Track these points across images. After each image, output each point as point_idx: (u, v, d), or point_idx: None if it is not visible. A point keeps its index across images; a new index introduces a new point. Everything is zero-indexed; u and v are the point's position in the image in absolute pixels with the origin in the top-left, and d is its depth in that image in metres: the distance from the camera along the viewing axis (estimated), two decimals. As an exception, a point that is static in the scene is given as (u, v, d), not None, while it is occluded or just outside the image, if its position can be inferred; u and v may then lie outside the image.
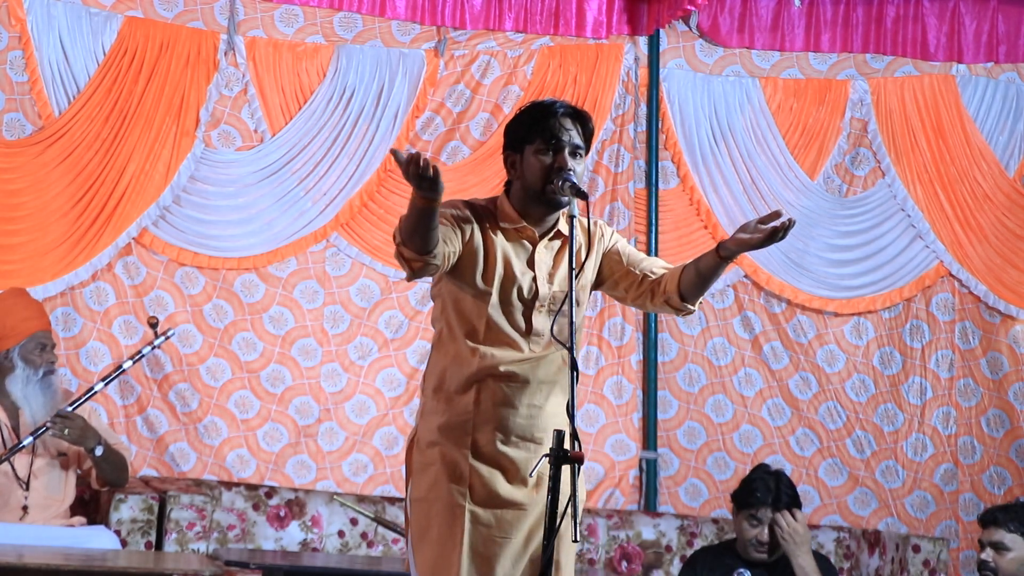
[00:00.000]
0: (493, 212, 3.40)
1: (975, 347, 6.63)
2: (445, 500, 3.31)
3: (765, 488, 4.74)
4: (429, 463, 3.36)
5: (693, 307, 3.43)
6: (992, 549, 4.39)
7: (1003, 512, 4.42)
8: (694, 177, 6.51)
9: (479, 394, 3.34)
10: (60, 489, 5.11)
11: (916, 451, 6.55)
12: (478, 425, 3.34)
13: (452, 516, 3.30)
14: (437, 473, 3.34)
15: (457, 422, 3.35)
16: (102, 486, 5.21)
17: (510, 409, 3.35)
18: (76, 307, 5.89)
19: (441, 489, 3.32)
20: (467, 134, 6.34)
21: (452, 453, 3.34)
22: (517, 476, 3.35)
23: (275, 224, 6.13)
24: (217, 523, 5.66)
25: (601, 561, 6.04)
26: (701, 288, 3.38)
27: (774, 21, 6.62)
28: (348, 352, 6.20)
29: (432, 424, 3.39)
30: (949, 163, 6.62)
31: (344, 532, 5.87)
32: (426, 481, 3.35)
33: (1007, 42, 6.70)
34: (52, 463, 5.09)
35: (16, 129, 5.88)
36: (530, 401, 3.36)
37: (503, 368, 3.33)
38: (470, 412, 3.34)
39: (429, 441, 3.38)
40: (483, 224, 3.36)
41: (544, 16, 6.43)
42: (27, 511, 4.98)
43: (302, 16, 6.22)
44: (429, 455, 3.37)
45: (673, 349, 6.51)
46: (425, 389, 3.44)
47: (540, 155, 3.32)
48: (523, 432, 3.36)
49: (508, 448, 3.35)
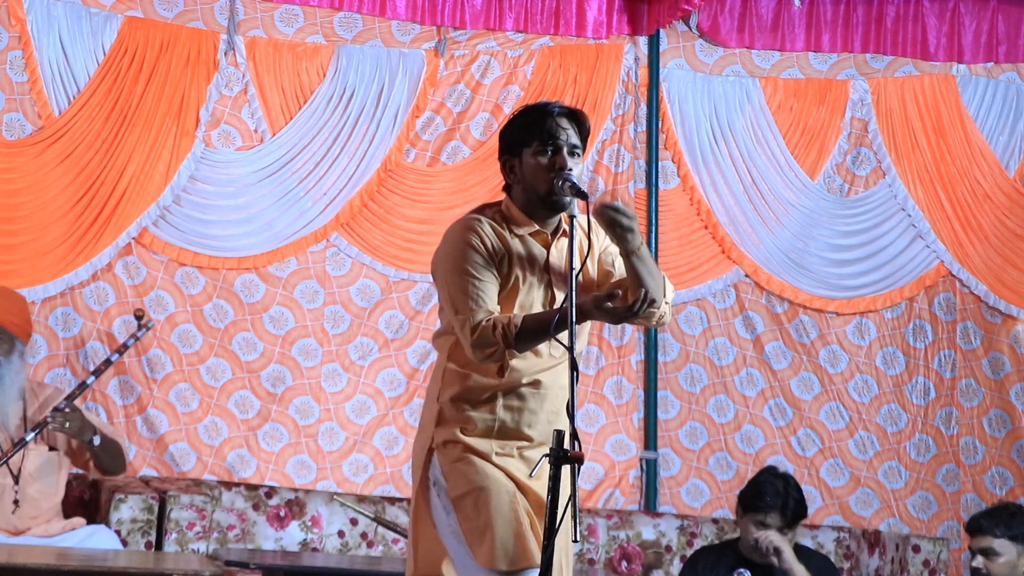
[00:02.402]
0: (506, 218, 3.37)
1: (976, 347, 6.63)
2: (492, 480, 3.26)
3: (775, 492, 4.69)
4: (457, 459, 3.31)
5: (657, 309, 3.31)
6: (982, 556, 4.39)
7: (987, 518, 4.43)
8: (694, 177, 6.51)
9: (503, 402, 3.32)
10: (53, 483, 5.10)
11: (919, 451, 6.55)
12: (501, 433, 3.33)
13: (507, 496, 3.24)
14: (471, 464, 3.28)
15: (479, 430, 3.32)
16: (101, 475, 5.21)
17: (533, 416, 3.34)
18: (76, 307, 5.89)
19: (483, 476, 3.26)
20: (467, 134, 6.34)
21: (476, 449, 3.31)
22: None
23: (275, 224, 6.13)
24: (217, 523, 5.66)
25: (601, 561, 6.04)
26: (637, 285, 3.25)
27: (774, 21, 6.62)
28: (348, 352, 6.19)
29: (453, 428, 3.34)
30: (949, 163, 6.62)
31: (344, 532, 5.87)
32: (463, 477, 3.29)
33: (1007, 42, 6.69)
34: (44, 457, 5.08)
35: (16, 129, 5.88)
36: (552, 407, 3.36)
37: (528, 378, 3.32)
38: (492, 420, 3.32)
39: (449, 440, 3.33)
40: (500, 236, 3.32)
41: (544, 16, 6.42)
42: (18, 505, 4.98)
43: (302, 16, 6.21)
44: (454, 452, 3.32)
45: (674, 349, 6.50)
46: (440, 398, 3.37)
47: (539, 156, 3.31)
48: (543, 438, 3.34)
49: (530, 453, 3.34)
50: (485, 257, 3.26)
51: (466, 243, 3.28)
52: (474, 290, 3.23)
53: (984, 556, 4.38)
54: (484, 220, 3.33)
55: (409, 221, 6.23)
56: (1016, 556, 4.37)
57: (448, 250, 3.33)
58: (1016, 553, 4.36)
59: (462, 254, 3.27)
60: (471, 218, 3.35)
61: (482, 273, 3.25)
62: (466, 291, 3.24)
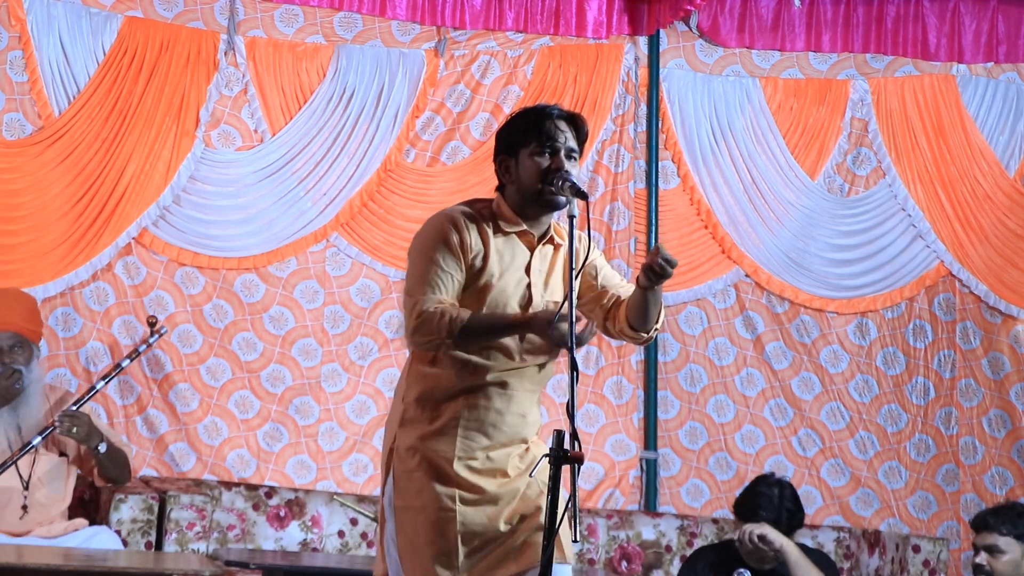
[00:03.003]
0: (494, 215, 3.36)
1: (976, 347, 6.63)
2: (434, 506, 3.27)
3: (769, 503, 4.69)
4: (412, 470, 3.31)
5: (647, 333, 3.38)
6: (986, 552, 4.40)
7: (994, 516, 4.43)
8: (694, 177, 6.51)
9: (467, 402, 3.30)
10: (61, 488, 5.10)
11: (919, 451, 6.55)
12: (465, 434, 3.31)
13: (444, 522, 3.26)
14: (422, 480, 3.29)
15: (442, 430, 3.31)
16: (105, 483, 5.21)
17: (497, 416, 3.32)
18: (76, 307, 5.89)
19: (428, 495, 3.28)
20: (467, 134, 6.34)
21: (436, 458, 3.30)
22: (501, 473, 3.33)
23: (275, 224, 6.13)
24: (217, 523, 5.66)
25: (601, 561, 6.04)
26: (644, 315, 3.33)
27: (774, 21, 6.62)
28: (348, 352, 6.19)
29: (415, 432, 3.33)
30: (949, 163, 6.62)
31: (344, 532, 5.87)
32: (412, 489, 3.30)
33: (1007, 42, 6.69)
34: (53, 462, 5.09)
35: (16, 129, 5.88)
36: (518, 409, 3.35)
37: (492, 376, 3.30)
38: (456, 420, 3.30)
39: (410, 447, 3.32)
40: (482, 233, 3.32)
41: (544, 16, 6.42)
42: (27, 510, 4.98)
43: (302, 16, 6.22)
44: (411, 462, 3.31)
45: (674, 349, 6.50)
46: (405, 397, 3.36)
47: (536, 157, 3.31)
48: (508, 440, 3.34)
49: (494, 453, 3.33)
50: (456, 249, 3.27)
51: (440, 232, 3.29)
52: (433, 276, 3.25)
53: (988, 553, 4.38)
54: (467, 214, 3.34)
55: (409, 221, 6.23)
56: (1020, 555, 4.37)
57: (422, 237, 3.34)
58: (1021, 552, 4.36)
59: (433, 243, 3.28)
60: (453, 209, 3.36)
61: (447, 264, 3.26)
62: (424, 276, 3.26)
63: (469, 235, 3.29)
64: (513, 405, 3.34)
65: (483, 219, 3.34)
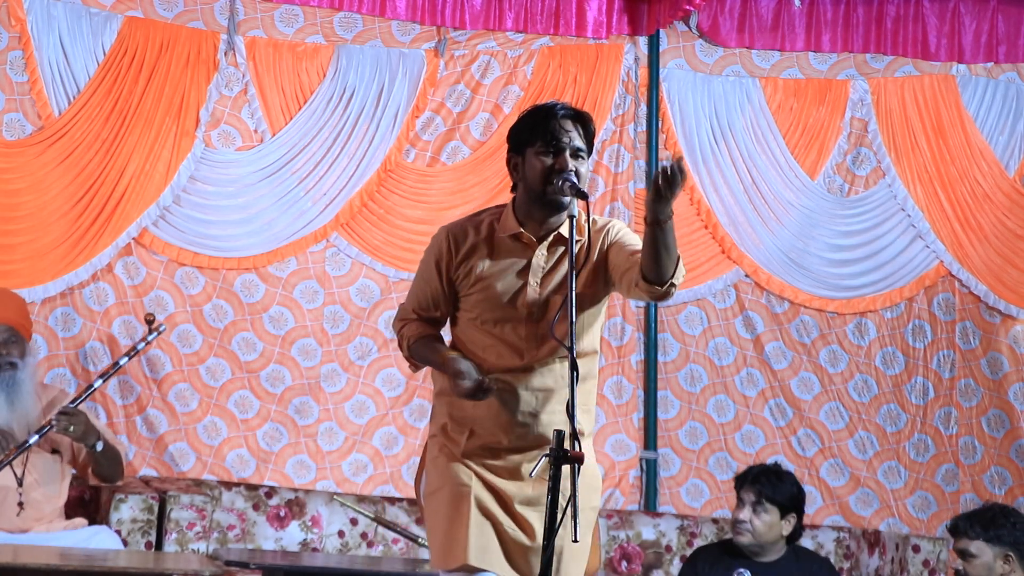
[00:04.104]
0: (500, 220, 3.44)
1: (975, 347, 6.63)
2: (452, 483, 3.37)
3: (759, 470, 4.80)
4: (435, 456, 3.46)
5: (662, 287, 3.18)
6: (960, 557, 4.40)
7: (965, 520, 4.43)
8: (694, 177, 6.51)
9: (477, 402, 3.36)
10: (56, 486, 5.10)
11: (918, 451, 6.55)
12: (476, 432, 3.40)
13: (459, 496, 3.34)
14: (443, 463, 3.42)
15: (456, 426, 3.44)
16: (99, 481, 5.21)
17: (506, 416, 3.37)
18: (76, 307, 5.89)
19: (448, 475, 3.39)
20: (467, 134, 6.34)
21: (452, 448, 3.43)
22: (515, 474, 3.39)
23: (275, 224, 6.13)
24: (217, 523, 5.66)
25: (601, 561, 6.04)
26: (655, 260, 3.16)
27: (774, 21, 6.62)
28: (348, 352, 6.19)
29: (437, 424, 3.50)
30: (949, 163, 6.62)
31: (344, 532, 5.87)
32: (435, 473, 3.44)
33: (1007, 42, 6.69)
34: (48, 460, 5.08)
35: (16, 129, 5.88)
36: (527, 409, 3.38)
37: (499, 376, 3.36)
38: (468, 418, 3.41)
39: (433, 435, 3.50)
40: (478, 240, 3.42)
41: (544, 16, 6.42)
42: (23, 507, 4.98)
43: (302, 16, 6.22)
44: (434, 448, 3.48)
45: (674, 349, 6.50)
46: (435, 391, 3.55)
47: (541, 156, 3.34)
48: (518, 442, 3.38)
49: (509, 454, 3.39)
50: (441, 264, 3.44)
51: (430, 249, 3.51)
52: (417, 289, 3.55)
53: (962, 558, 4.39)
54: (464, 226, 3.46)
55: (409, 221, 6.23)
56: (993, 558, 4.36)
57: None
58: (993, 555, 4.35)
59: (425, 257, 3.54)
60: (450, 225, 3.52)
61: (429, 278, 3.49)
62: (411, 289, 3.59)
63: (463, 246, 3.43)
64: (521, 405, 3.37)
65: (482, 227, 3.44)
